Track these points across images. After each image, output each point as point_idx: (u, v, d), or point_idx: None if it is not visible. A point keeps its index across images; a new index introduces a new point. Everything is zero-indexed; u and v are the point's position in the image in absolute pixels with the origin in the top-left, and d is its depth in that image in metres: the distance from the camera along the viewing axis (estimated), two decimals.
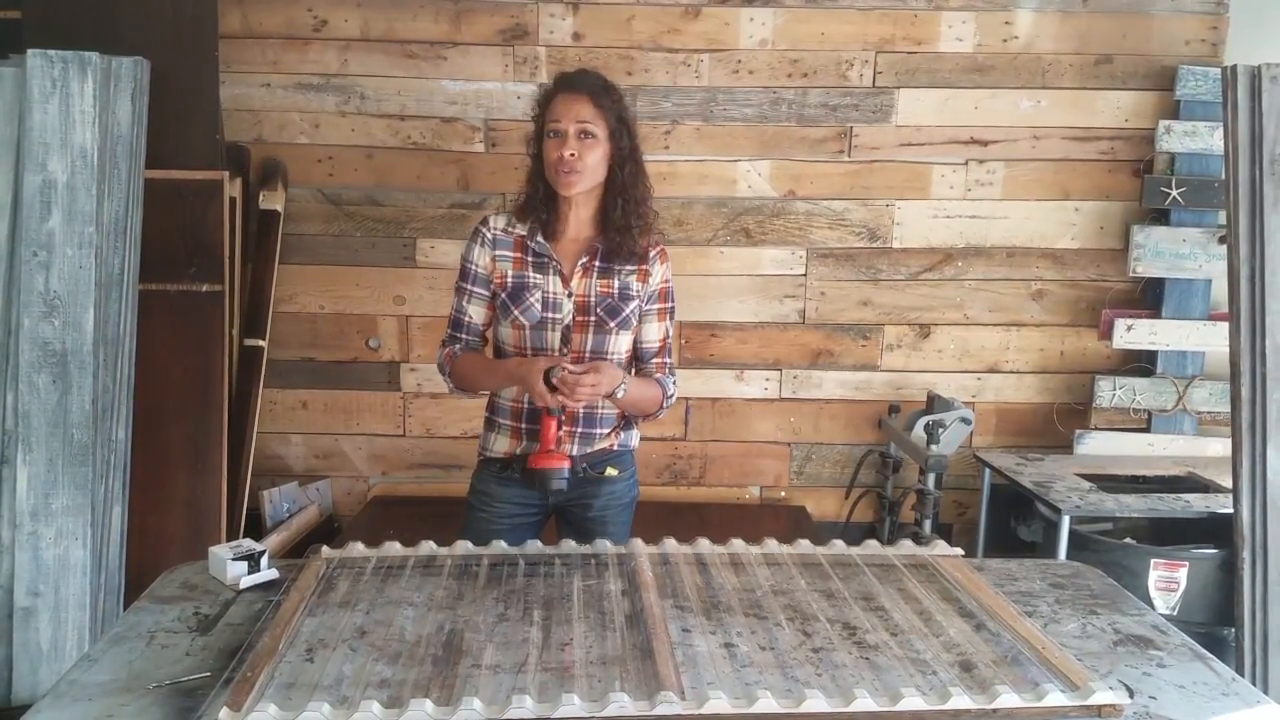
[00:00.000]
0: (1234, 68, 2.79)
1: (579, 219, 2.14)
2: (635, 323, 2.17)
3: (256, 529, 3.45)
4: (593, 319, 2.12)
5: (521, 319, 2.12)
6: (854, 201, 3.61)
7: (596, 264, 2.13)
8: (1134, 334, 3.55)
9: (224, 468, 3.20)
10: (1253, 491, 2.78)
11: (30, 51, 2.87)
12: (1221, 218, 3.36)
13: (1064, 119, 3.56)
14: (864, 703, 1.37)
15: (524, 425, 2.17)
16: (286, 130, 3.54)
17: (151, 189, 3.09)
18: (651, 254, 2.18)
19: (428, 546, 1.95)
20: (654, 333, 2.23)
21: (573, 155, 2.03)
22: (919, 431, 3.20)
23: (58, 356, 2.86)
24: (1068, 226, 3.63)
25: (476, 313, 2.19)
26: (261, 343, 3.43)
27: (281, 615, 1.63)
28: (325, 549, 1.94)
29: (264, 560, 1.85)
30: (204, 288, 3.21)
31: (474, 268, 2.17)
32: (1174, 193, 3.46)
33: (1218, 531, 2.94)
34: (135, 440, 3.05)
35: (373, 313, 3.64)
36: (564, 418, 2.13)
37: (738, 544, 2.00)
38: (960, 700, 1.38)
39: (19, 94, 2.87)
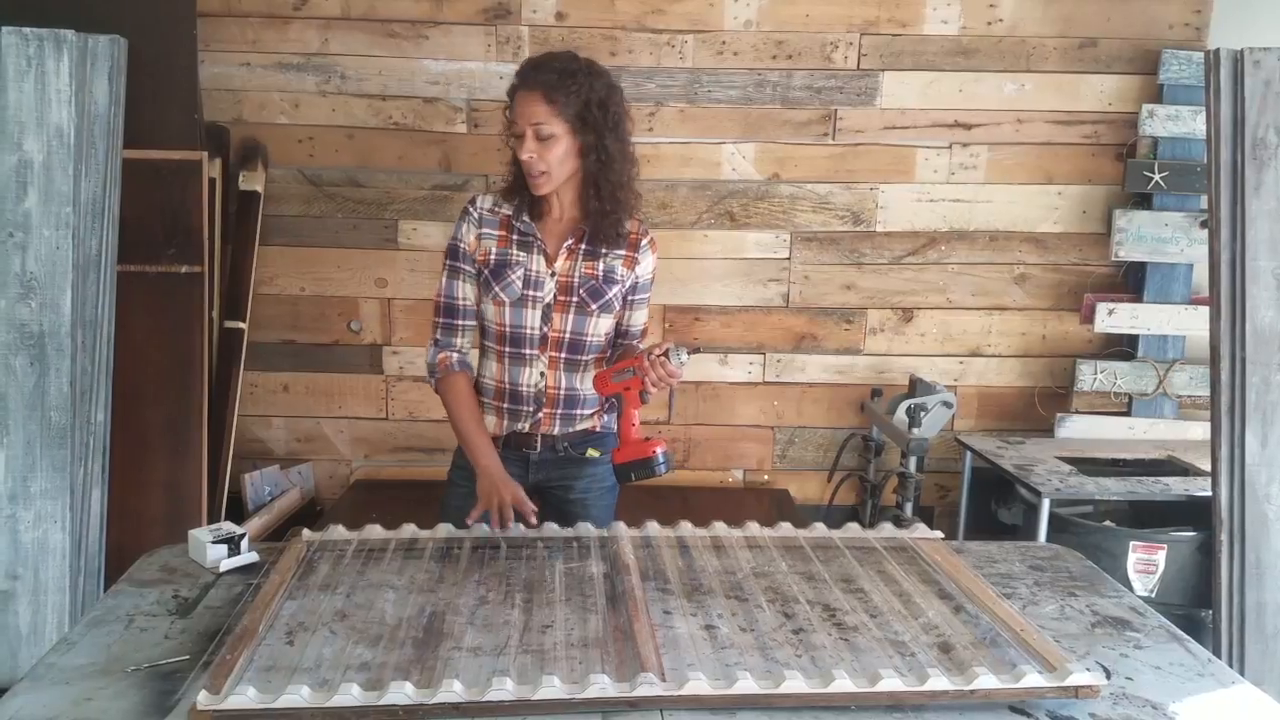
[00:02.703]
0: (1217, 52, 2.80)
1: (563, 202, 2.12)
2: (617, 307, 2.15)
3: (238, 512, 3.44)
4: (575, 299, 2.10)
5: (502, 295, 2.09)
6: (838, 185, 3.61)
7: (583, 246, 2.11)
8: (1115, 318, 3.57)
9: (204, 451, 3.18)
10: (1231, 475, 2.81)
11: (4, 29, 2.83)
12: (1203, 202, 3.38)
13: (1048, 103, 3.56)
14: (843, 684, 1.37)
15: (506, 405, 2.16)
16: (266, 110, 3.51)
17: (130, 169, 3.05)
18: (643, 243, 2.15)
19: (409, 529, 1.94)
20: (642, 318, 2.23)
21: (531, 157, 1.98)
22: (901, 415, 3.21)
23: (35, 338, 2.84)
24: (1050, 210, 3.64)
25: (469, 292, 2.14)
26: (242, 325, 3.40)
27: (261, 598, 1.63)
28: (306, 532, 1.93)
29: (244, 543, 1.85)
30: (183, 269, 3.18)
31: (462, 246, 2.13)
32: (1156, 177, 3.47)
33: (1196, 515, 2.96)
34: (114, 423, 3.03)
35: (354, 295, 3.62)
36: (546, 399, 2.12)
37: (720, 527, 2.01)
38: (938, 681, 1.38)
39: None
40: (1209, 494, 2.87)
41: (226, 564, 1.81)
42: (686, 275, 3.64)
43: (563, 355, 2.12)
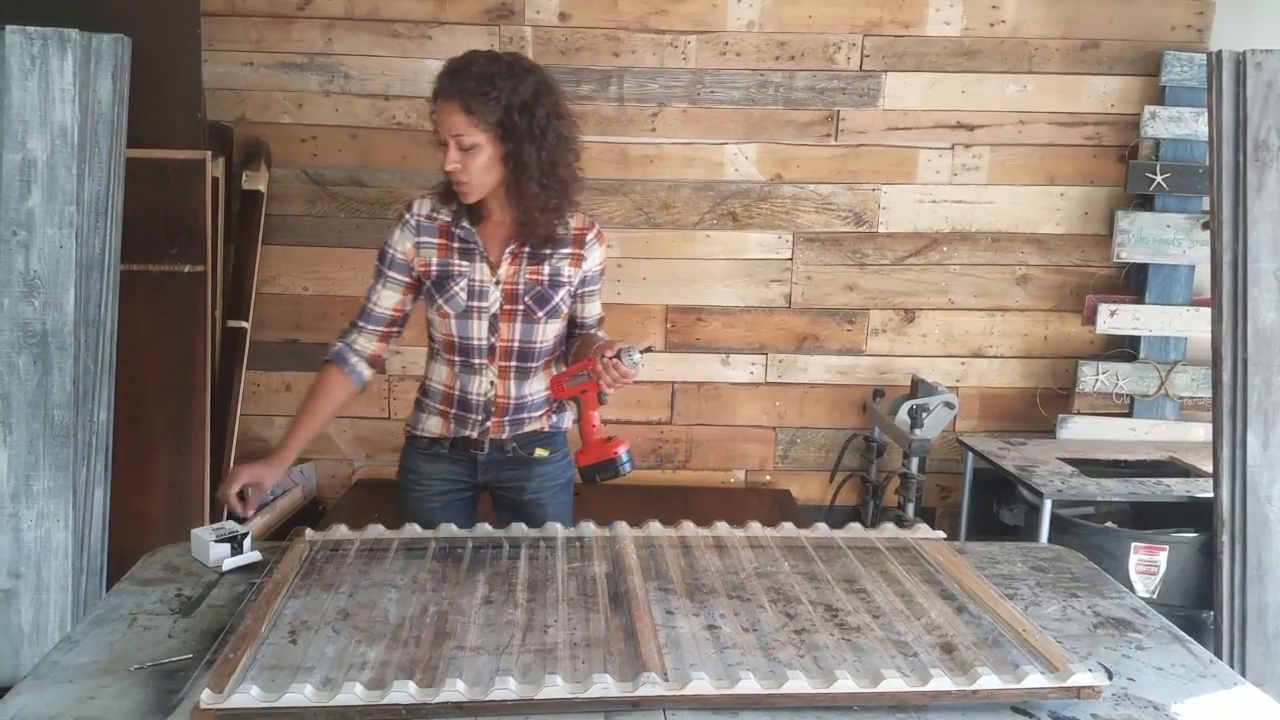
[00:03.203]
0: (1219, 53, 2.80)
1: (502, 204, 2.03)
2: (565, 310, 2.10)
3: None
4: (521, 308, 2.05)
5: (447, 308, 2.05)
6: (840, 185, 3.61)
7: (526, 250, 2.05)
8: (1117, 319, 3.57)
9: (207, 450, 3.18)
10: (1232, 476, 2.81)
11: (8, 28, 2.83)
12: (1205, 204, 3.38)
13: (1050, 104, 3.56)
14: (845, 684, 1.37)
15: (454, 411, 2.13)
16: (270, 110, 3.51)
17: (133, 168, 3.05)
18: (589, 237, 2.10)
19: (411, 529, 1.95)
20: (596, 309, 2.18)
21: (456, 167, 1.94)
22: (903, 416, 3.21)
23: (38, 337, 2.84)
24: (1053, 212, 3.64)
25: (389, 299, 2.11)
26: (244, 324, 3.40)
27: (264, 597, 1.63)
28: (309, 531, 1.93)
29: (247, 542, 1.85)
30: (186, 268, 3.18)
31: (393, 253, 2.09)
32: (1158, 178, 3.47)
33: (1198, 516, 2.96)
34: (117, 422, 3.02)
35: (357, 295, 3.55)
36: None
37: (722, 527, 2.01)
38: (941, 682, 1.38)
39: None
40: (1210, 495, 2.87)
41: (229, 563, 1.81)
42: (689, 276, 3.64)
43: (513, 364, 2.09)
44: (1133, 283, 3.65)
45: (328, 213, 3.58)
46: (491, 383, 2.10)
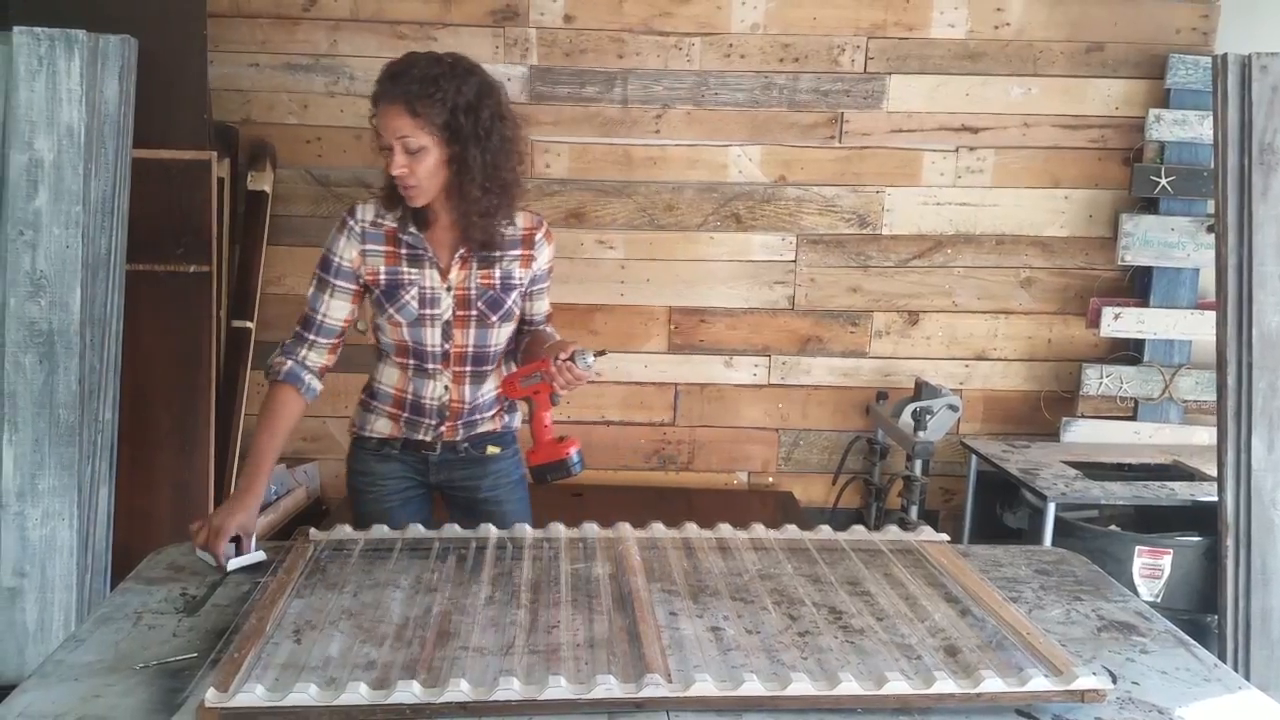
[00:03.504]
0: (1224, 56, 2.80)
1: (447, 207, 1.98)
2: (517, 312, 2.08)
3: None
4: (474, 313, 2.02)
5: (398, 317, 2.01)
6: (844, 188, 3.61)
7: (475, 255, 2.01)
8: (1121, 322, 3.56)
9: (211, 449, 3.19)
10: (1237, 480, 2.80)
11: (16, 29, 2.84)
12: (1210, 207, 3.37)
13: (1054, 107, 3.56)
14: (849, 686, 1.37)
15: (406, 415, 2.10)
16: (275, 110, 3.52)
17: (139, 168, 3.06)
18: (537, 237, 2.06)
19: (415, 529, 1.95)
20: (544, 306, 2.15)
21: (404, 172, 1.88)
22: (906, 418, 3.21)
23: (44, 336, 2.85)
24: (1057, 214, 3.64)
25: (337, 309, 2.03)
26: (249, 324, 3.41)
27: (269, 597, 1.63)
28: (313, 531, 1.94)
29: (251, 542, 1.85)
30: (191, 268, 3.19)
31: (338, 260, 2.02)
32: (1163, 181, 3.47)
33: (1202, 519, 2.96)
34: (122, 421, 3.03)
35: None
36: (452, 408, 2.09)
37: (725, 529, 2.01)
38: (945, 684, 1.38)
39: (4, 72, 2.85)
40: (1215, 499, 2.86)
41: (234, 562, 1.82)
42: (692, 277, 3.64)
43: (467, 369, 2.07)
44: (1137, 286, 3.64)
45: (332, 213, 3.58)
46: (446, 387, 2.08)
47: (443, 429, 2.11)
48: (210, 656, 1.48)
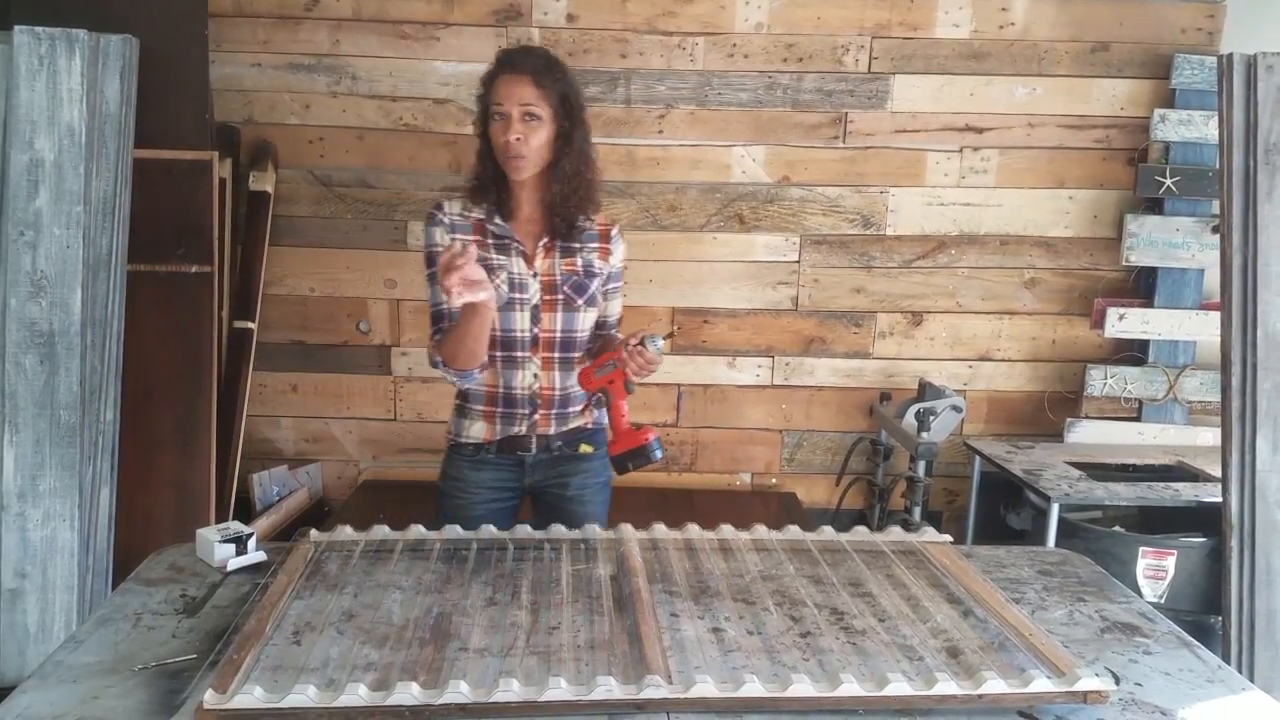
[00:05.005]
0: (1230, 56, 2.79)
1: (532, 199, 2.09)
2: (600, 300, 2.16)
3: (246, 512, 3.44)
4: (561, 297, 2.09)
5: None
6: (848, 188, 3.60)
7: (558, 243, 2.10)
8: (1126, 323, 3.55)
9: (213, 450, 3.19)
10: (1241, 481, 2.79)
11: (17, 28, 2.84)
12: (1215, 207, 3.37)
13: (1059, 107, 3.55)
14: (850, 688, 1.37)
15: (499, 410, 2.14)
16: (277, 110, 3.52)
17: (140, 169, 3.06)
18: (613, 233, 2.17)
19: (416, 530, 1.94)
20: (618, 307, 2.25)
21: (518, 139, 1.97)
22: (910, 419, 3.20)
23: (45, 337, 2.85)
24: (1061, 215, 3.63)
25: None
26: (251, 325, 3.41)
27: (269, 598, 1.63)
28: (314, 532, 1.93)
29: (252, 543, 1.85)
30: (193, 269, 3.19)
31: (439, 251, 2.07)
32: (1168, 182, 3.46)
33: (1206, 520, 2.95)
34: (123, 422, 3.03)
35: (363, 296, 3.63)
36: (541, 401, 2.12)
37: (727, 530, 2.00)
38: (946, 686, 1.38)
39: (5, 71, 2.85)
40: (1219, 500, 2.86)
41: (234, 563, 1.81)
42: (696, 278, 3.64)
43: (556, 355, 2.12)
44: (1142, 286, 3.63)
45: (335, 214, 3.58)
46: (535, 375, 2.12)
47: (536, 418, 2.14)
48: (210, 658, 1.47)
